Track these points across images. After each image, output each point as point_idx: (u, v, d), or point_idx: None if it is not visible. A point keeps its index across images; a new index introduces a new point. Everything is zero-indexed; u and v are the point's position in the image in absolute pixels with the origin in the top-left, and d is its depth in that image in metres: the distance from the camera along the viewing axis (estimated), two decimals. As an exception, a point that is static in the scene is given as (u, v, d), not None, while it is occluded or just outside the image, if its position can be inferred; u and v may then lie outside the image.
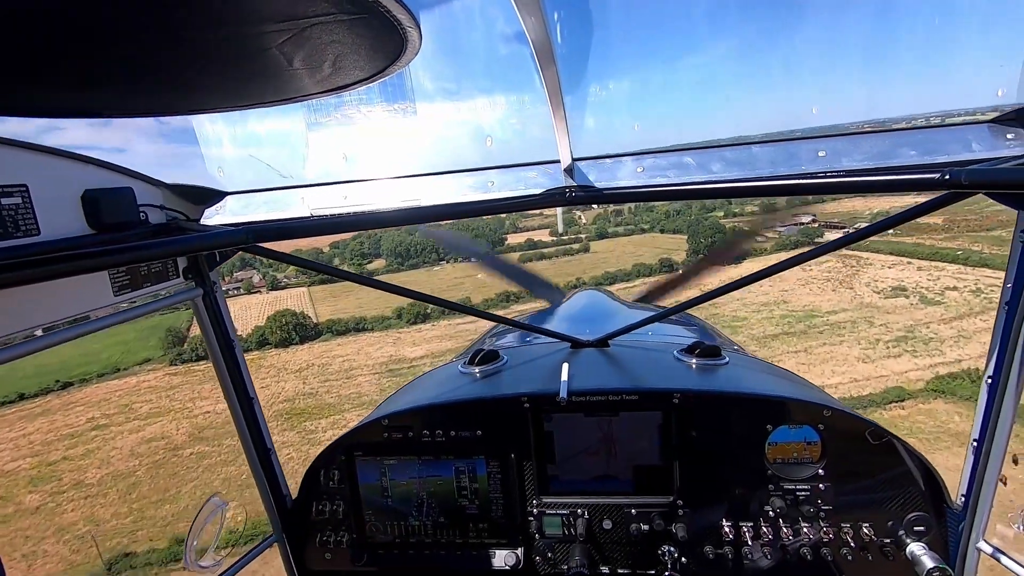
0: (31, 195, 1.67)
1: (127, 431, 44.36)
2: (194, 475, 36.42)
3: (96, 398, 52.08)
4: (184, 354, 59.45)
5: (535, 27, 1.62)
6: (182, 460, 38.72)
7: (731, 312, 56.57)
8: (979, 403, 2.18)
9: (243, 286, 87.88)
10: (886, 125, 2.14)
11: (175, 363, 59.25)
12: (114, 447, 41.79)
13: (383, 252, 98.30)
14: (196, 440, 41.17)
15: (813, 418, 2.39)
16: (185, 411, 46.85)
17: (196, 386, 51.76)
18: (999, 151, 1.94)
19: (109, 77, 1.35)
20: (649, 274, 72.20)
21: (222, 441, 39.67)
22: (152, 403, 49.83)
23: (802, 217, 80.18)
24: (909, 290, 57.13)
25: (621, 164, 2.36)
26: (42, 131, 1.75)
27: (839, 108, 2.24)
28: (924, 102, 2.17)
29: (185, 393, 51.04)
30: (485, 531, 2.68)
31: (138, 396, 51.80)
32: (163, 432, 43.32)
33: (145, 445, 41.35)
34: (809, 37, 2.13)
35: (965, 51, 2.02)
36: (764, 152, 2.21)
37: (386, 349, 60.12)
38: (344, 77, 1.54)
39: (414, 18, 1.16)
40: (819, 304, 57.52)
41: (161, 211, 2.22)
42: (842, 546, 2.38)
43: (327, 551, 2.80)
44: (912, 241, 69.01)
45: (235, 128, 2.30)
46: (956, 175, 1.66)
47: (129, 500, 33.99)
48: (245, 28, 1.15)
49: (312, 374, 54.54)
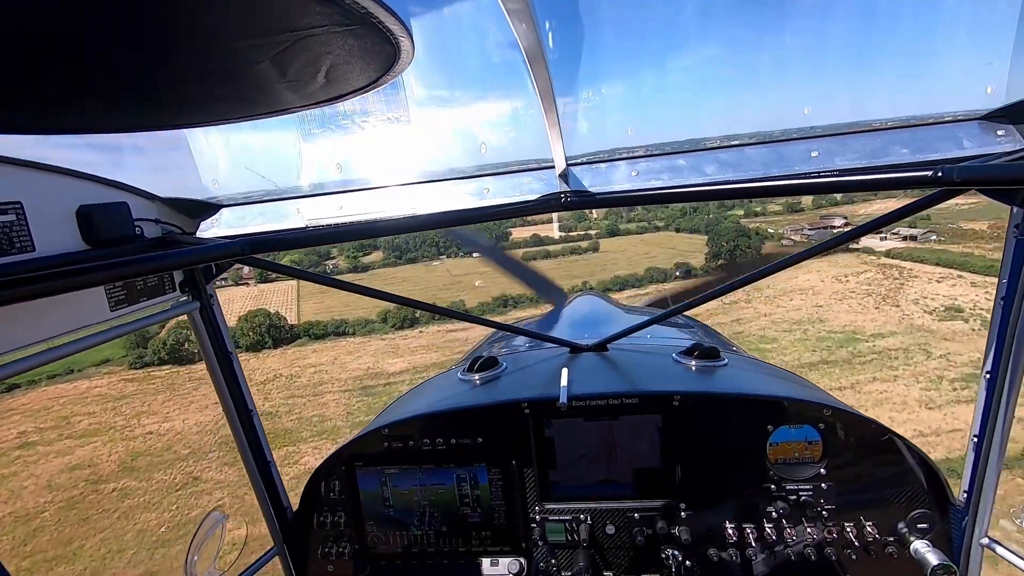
0: (25, 212, 1.66)
1: (54, 453, 38.14)
2: (106, 522, 29.68)
3: (38, 405, 46.22)
4: (145, 356, 54.82)
5: (526, 34, 1.62)
6: (101, 499, 32.16)
7: (758, 331, 49.83)
8: (978, 399, 2.19)
9: (231, 276, 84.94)
10: (877, 124, 2.16)
11: (135, 366, 54.47)
12: (32, 474, 35.49)
13: (380, 245, 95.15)
14: (125, 471, 35.14)
15: (814, 417, 2.39)
16: (126, 430, 41.08)
17: (148, 397, 46.80)
18: (990, 147, 1.95)
19: (101, 93, 1.35)
20: (663, 279, 66.14)
21: (153, 475, 34.15)
22: (94, 417, 43.76)
23: (834, 220, 74.69)
24: (966, 311, 47.75)
25: (615, 168, 2.37)
26: (35, 147, 1.75)
27: (829, 108, 2.26)
28: (914, 100, 2.19)
29: (134, 406, 45.38)
30: (488, 539, 2.67)
31: (82, 406, 45.74)
32: (93, 457, 37.26)
33: (67, 475, 35.18)
34: (797, 38, 2.14)
35: (953, 49, 2.03)
36: (757, 153, 2.22)
37: (364, 360, 53.84)
38: (337, 88, 1.54)
39: (406, 28, 1.17)
40: (862, 324, 48.74)
41: (156, 225, 2.21)
42: (846, 545, 2.38)
43: (329, 563, 2.78)
44: (959, 250, 61.43)
45: (229, 140, 2.30)
46: (948, 172, 1.67)
47: (20, 554, 27.36)
48: (237, 42, 1.15)
49: (277, 387, 48.43)
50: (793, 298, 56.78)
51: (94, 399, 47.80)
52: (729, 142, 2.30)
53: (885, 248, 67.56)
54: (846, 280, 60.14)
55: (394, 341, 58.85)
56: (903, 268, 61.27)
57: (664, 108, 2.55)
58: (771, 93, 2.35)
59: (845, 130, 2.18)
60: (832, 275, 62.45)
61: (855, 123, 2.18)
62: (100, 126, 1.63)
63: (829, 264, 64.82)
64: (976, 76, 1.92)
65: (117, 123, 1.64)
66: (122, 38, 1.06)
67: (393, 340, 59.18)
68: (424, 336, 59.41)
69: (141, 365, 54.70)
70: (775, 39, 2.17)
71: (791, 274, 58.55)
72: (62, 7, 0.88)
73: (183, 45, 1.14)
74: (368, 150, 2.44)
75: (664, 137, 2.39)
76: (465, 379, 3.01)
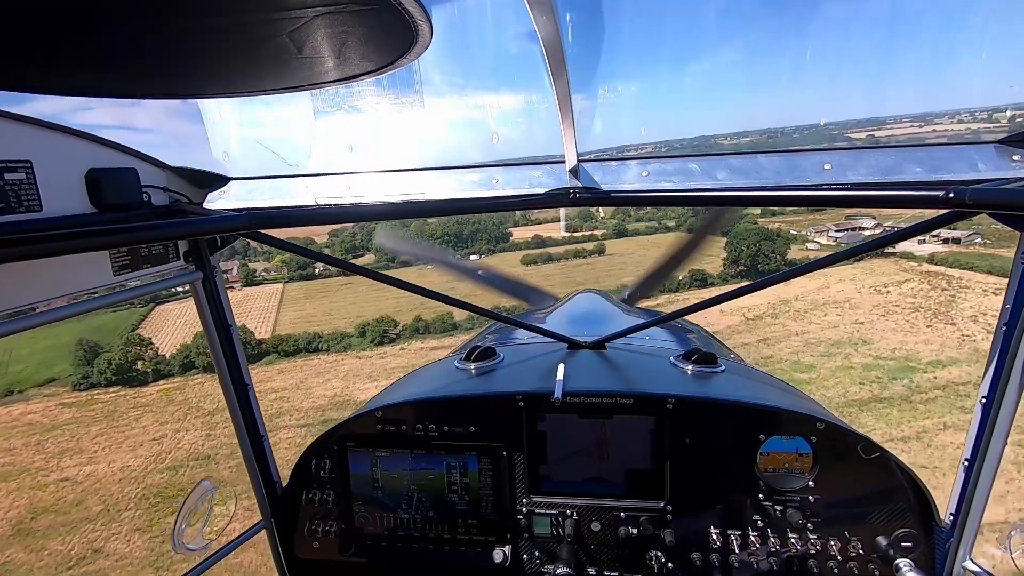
0: (35, 171, 1.67)
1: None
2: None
3: (-45, 435, 36.69)
4: (91, 376, 46.03)
5: (546, 26, 1.61)
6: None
7: (790, 355, 40.90)
8: (972, 422, 2.19)
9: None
10: (892, 141, 2.14)
11: (79, 387, 45.74)
12: None
13: (372, 247, 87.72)
14: (17, 536, 27.26)
15: (806, 430, 2.40)
16: (40, 474, 32.93)
17: (81, 429, 38.41)
18: (1004, 172, 1.94)
19: (116, 57, 1.35)
20: (676, 290, 55.78)
21: (48, 543, 26.42)
22: (11, 455, 35.54)
23: (862, 221, 64.55)
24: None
25: (626, 167, 2.36)
26: (48, 108, 1.75)
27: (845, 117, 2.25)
28: (931, 119, 2.18)
29: (61, 441, 37.14)
30: (474, 527, 2.69)
31: (5, 439, 37.62)
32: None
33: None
34: (816, 47, 2.13)
35: (974, 70, 2.02)
36: (770, 162, 2.21)
37: (333, 384, 45.91)
38: (353, 68, 1.54)
39: (426, 12, 1.16)
40: (915, 348, 39.97)
41: (164, 193, 2.22)
42: (828, 559, 2.39)
43: (315, 539, 2.81)
44: (1010, 255, 48.28)
45: (242, 114, 2.30)
46: (960, 194, 1.66)
47: None
48: (256, 14, 1.14)
49: (226, 419, 41.51)
50: (827, 312, 48.45)
51: (22, 429, 39.63)
52: (742, 149, 2.29)
53: (926, 252, 57.17)
54: (886, 291, 50.61)
55: (371, 360, 51.01)
56: (951, 277, 51.59)
57: (680, 109, 2.55)
58: (786, 98, 2.35)
59: (860, 144, 2.17)
60: (870, 284, 53.37)
61: (870, 140, 2.17)
62: (114, 90, 1.63)
63: (864, 271, 55.69)
64: (995, 100, 1.90)
65: (131, 88, 1.64)
66: (142, 4, 1.06)
67: (370, 359, 51.59)
68: (404, 355, 52.01)
69: (86, 386, 46.15)
70: (792, 47, 2.17)
71: (822, 282, 53.30)
72: None
73: (200, 15, 1.13)
74: (380, 133, 2.44)
75: (678, 134, 2.38)
76: (461, 368, 3.02)
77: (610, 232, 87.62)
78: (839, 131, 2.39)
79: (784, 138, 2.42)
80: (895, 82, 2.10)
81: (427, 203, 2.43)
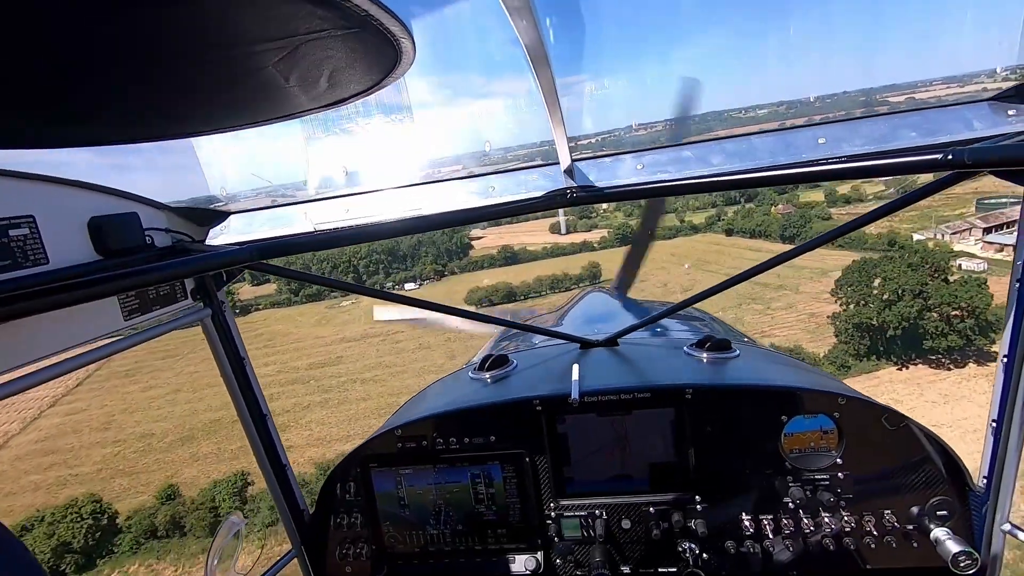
0: (38, 225, 1.69)
1: None
2: None
3: None
4: None
5: (527, 30, 1.62)
6: None
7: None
8: (995, 383, 2.16)
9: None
10: (885, 108, 2.13)
11: None
12: None
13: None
14: None
15: (828, 406, 2.37)
16: None
17: None
18: (1000, 128, 1.92)
19: (108, 106, 1.37)
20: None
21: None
22: None
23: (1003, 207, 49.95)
24: None
25: (621, 162, 2.36)
26: (46, 160, 1.77)
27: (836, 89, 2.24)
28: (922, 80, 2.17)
29: None
30: (504, 536, 2.68)
31: None
32: None
33: None
34: (801, 24, 2.13)
35: (964, 28, 2.01)
36: (764, 143, 2.20)
37: None
38: (340, 91, 1.55)
39: (407, 29, 1.17)
40: None
41: (166, 234, 2.24)
42: (864, 535, 2.36)
43: (347, 564, 2.80)
44: None
45: (235, 147, 2.31)
46: (959, 154, 1.65)
47: None
48: (240, 49, 1.15)
49: None
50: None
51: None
52: (735, 131, 2.28)
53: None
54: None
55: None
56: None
57: (668, 100, 2.54)
58: (775, 79, 2.34)
59: (852, 115, 2.16)
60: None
61: (863, 108, 2.16)
62: (110, 138, 1.65)
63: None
64: (986, 56, 1.89)
65: (126, 135, 1.66)
66: (125, 49, 1.07)
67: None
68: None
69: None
70: (777, 27, 2.17)
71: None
72: (68, 23, 0.89)
73: (186, 56, 1.15)
74: (373, 152, 2.45)
75: (669, 128, 2.38)
76: (476, 378, 3.01)
77: (611, 238, 65.75)
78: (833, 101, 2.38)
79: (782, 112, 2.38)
80: (884, 53, 2.09)
81: (426, 218, 2.44)
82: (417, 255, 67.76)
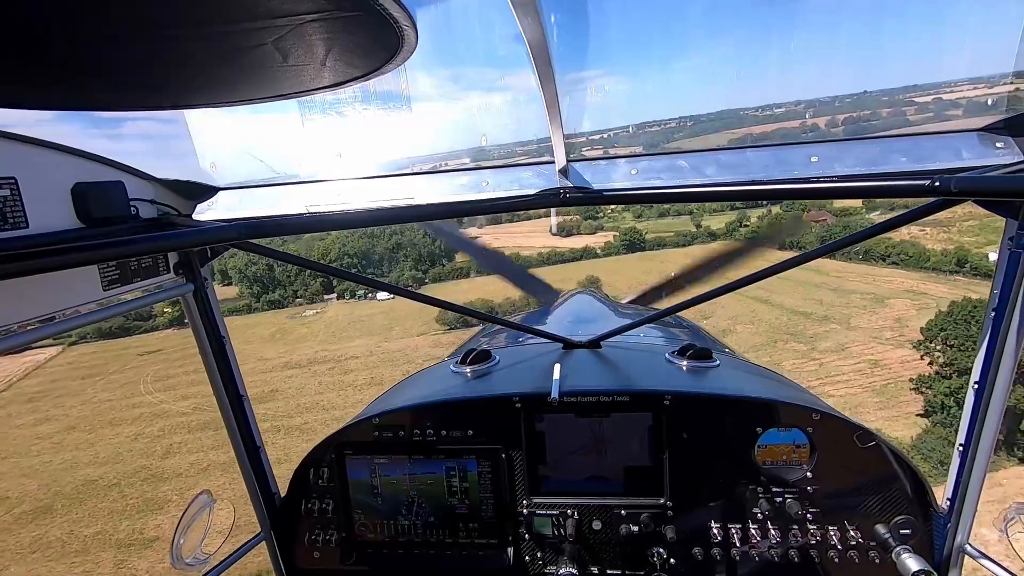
0: (20, 187, 1.65)
1: None
2: None
3: None
4: None
5: (531, 28, 1.61)
6: None
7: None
8: (965, 407, 2.21)
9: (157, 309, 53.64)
10: (878, 132, 2.16)
11: None
12: None
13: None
14: None
15: (803, 421, 2.41)
16: None
17: None
18: (988, 159, 1.96)
19: (99, 71, 1.34)
20: None
21: None
22: None
23: None
24: None
25: (615, 166, 2.37)
26: (32, 123, 1.73)
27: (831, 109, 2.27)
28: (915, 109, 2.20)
29: None
30: (475, 531, 2.68)
31: None
32: None
33: None
34: (804, 39, 2.15)
35: (959, 60, 2.05)
36: (757, 156, 2.23)
37: None
38: (339, 74, 1.54)
39: (411, 17, 1.16)
40: None
41: (152, 206, 2.20)
42: (829, 548, 2.40)
43: (316, 550, 2.79)
44: None
45: (228, 123, 2.28)
46: (946, 182, 1.68)
47: None
48: (240, 24, 1.14)
49: None
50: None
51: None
52: (730, 144, 2.30)
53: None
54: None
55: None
56: None
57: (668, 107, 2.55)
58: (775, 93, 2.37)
59: (846, 136, 2.19)
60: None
61: (856, 131, 2.19)
62: (98, 104, 1.62)
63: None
64: (977, 88, 1.93)
65: (116, 101, 1.62)
66: (123, 16, 1.05)
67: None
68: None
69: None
70: (781, 41, 2.18)
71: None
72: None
73: (184, 25, 1.12)
74: (368, 138, 2.43)
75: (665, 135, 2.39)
76: (457, 371, 3.01)
77: (617, 244, 55.28)
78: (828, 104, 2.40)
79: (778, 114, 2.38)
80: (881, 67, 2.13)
81: (417, 207, 2.43)
82: (393, 259, 60.20)
